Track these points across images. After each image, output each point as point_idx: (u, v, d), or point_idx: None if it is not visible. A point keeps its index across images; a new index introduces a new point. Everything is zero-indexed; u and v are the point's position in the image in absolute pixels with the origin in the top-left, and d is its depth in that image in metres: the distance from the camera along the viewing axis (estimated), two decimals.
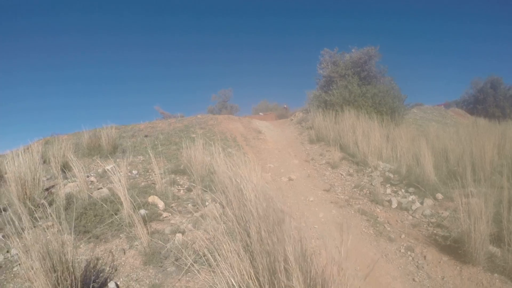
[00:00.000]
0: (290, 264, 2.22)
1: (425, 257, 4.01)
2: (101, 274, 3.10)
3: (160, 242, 3.60)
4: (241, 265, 2.56)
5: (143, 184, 5.49)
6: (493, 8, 56.68)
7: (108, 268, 3.23)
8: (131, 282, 3.13)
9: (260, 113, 17.76)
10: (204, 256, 3.06)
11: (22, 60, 55.36)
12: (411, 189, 5.78)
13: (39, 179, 4.66)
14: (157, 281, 3.14)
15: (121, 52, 63.45)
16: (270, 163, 8.06)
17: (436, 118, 14.55)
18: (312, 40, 61.56)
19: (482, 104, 16.95)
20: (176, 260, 3.34)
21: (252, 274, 2.54)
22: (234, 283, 2.51)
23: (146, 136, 9.14)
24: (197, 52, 69.08)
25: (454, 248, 3.99)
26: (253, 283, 2.51)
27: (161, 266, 3.31)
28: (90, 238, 3.66)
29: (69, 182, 5.07)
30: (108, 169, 4.68)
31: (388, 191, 5.94)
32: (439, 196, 5.35)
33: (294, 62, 65.76)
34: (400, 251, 4.22)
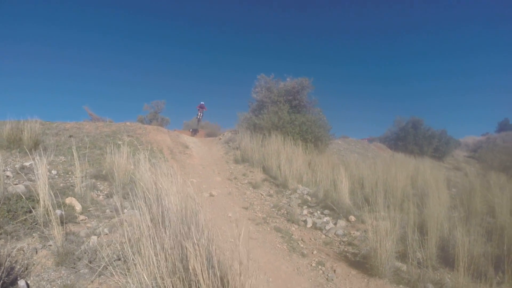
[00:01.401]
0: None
1: (335, 270, 4.06)
2: (11, 272, 2.91)
3: (74, 243, 3.48)
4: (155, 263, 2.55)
5: (61, 185, 5.14)
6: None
7: (18, 267, 3.06)
8: (42, 282, 2.97)
9: (190, 129, 17.34)
10: (118, 259, 3.12)
11: None
12: (326, 211, 5.93)
13: None
14: (69, 282, 3.00)
15: (55, 47, 58.61)
16: (193, 178, 7.90)
17: (358, 150, 15.50)
18: (252, 63, 63.44)
19: (403, 141, 18.28)
20: (90, 262, 3.24)
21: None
22: (147, 279, 2.50)
23: (71, 136, 8.50)
24: (134, 59, 66.88)
25: (363, 263, 4.15)
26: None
27: (74, 268, 3.19)
28: (1, 234, 3.43)
29: None
30: (26, 165, 4.51)
31: (305, 212, 6.04)
32: (352, 218, 5.55)
33: (232, 83, 67.04)
34: (311, 265, 4.25)
